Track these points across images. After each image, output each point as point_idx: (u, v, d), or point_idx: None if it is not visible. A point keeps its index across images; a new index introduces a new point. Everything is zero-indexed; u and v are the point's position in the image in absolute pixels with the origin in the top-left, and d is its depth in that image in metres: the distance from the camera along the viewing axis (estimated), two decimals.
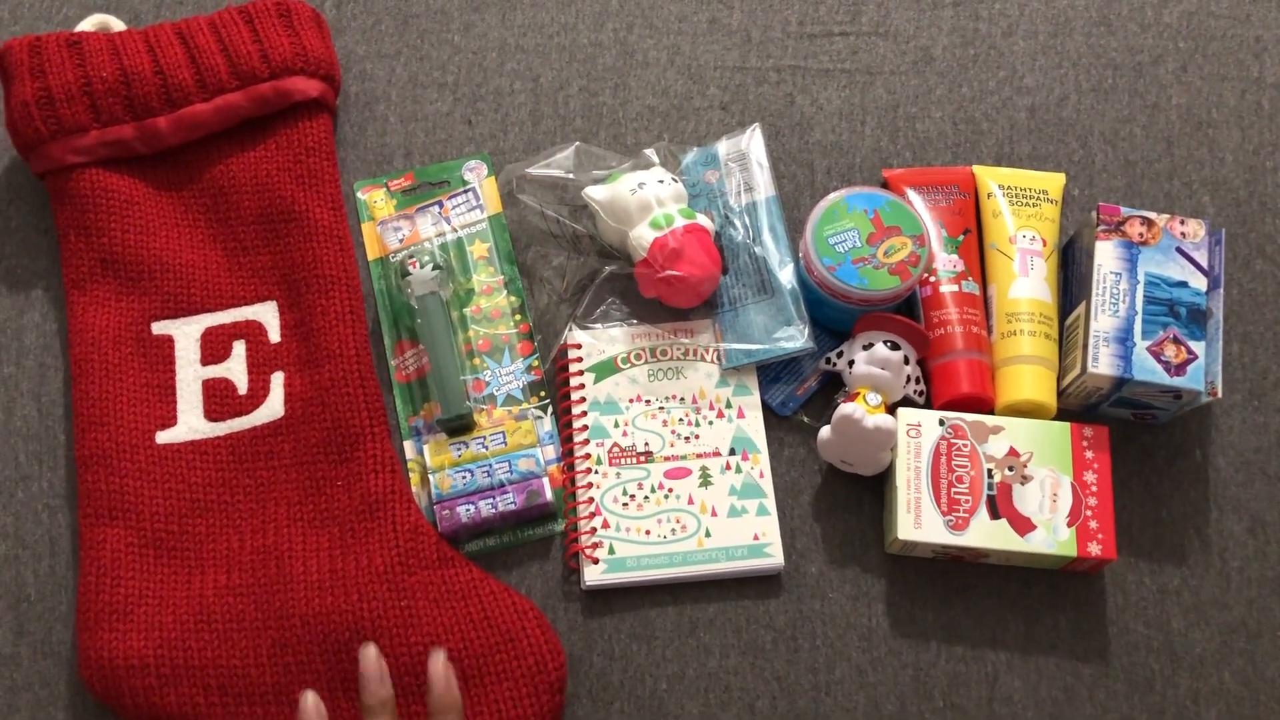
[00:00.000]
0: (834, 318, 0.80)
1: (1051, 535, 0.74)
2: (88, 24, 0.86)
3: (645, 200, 0.80)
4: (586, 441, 0.78)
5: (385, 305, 0.83)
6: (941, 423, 0.76)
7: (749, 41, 0.90)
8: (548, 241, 0.84)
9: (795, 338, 0.79)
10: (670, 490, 0.77)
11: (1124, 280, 0.77)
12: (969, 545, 0.74)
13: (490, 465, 0.77)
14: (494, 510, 0.76)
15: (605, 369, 0.80)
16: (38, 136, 0.81)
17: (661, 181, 0.81)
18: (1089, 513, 0.75)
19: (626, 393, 0.80)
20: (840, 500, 0.79)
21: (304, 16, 0.85)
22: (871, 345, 0.77)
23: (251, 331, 0.81)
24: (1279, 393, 0.82)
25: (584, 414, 0.79)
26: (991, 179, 0.84)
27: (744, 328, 0.80)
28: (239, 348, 0.80)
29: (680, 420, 0.79)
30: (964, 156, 0.87)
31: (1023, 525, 0.74)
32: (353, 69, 0.89)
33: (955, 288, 0.80)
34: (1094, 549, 0.74)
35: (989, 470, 0.75)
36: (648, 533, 0.76)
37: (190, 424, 0.79)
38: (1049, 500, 0.75)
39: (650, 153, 0.84)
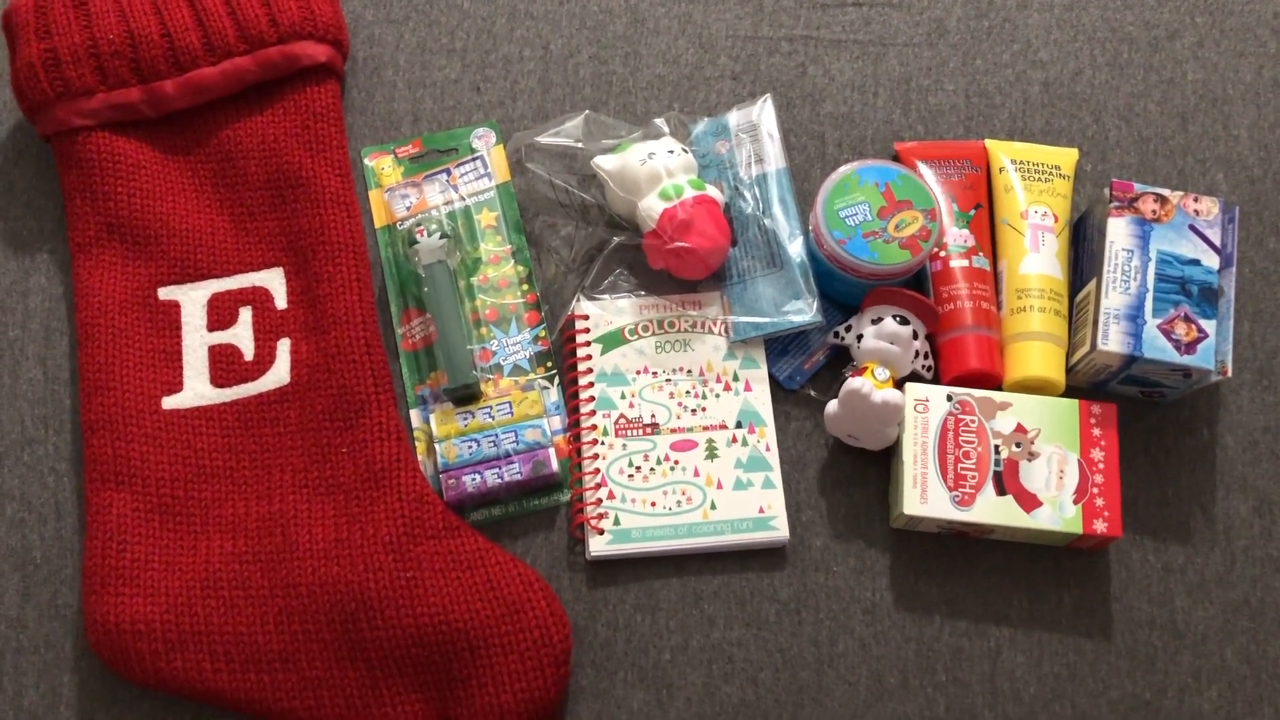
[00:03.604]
0: (843, 291, 0.80)
1: (1057, 512, 0.74)
2: None
3: (655, 171, 0.79)
4: (593, 413, 0.78)
5: (392, 273, 0.82)
6: (949, 398, 0.76)
7: (761, 10, 0.90)
8: (556, 211, 0.83)
9: (804, 311, 0.79)
10: (676, 462, 0.77)
11: (1136, 257, 0.77)
12: (975, 521, 0.74)
13: (496, 435, 0.77)
14: (500, 480, 0.76)
15: (613, 340, 0.80)
16: (44, 98, 0.81)
17: (671, 152, 0.80)
18: (1095, 490, 0.75)
19: (634, 364, 0.80)
20: (846, 474, 0.79)
21: None
22: (880, 320, 0.77)
23: (258, 298, 0.81)
24: None
25: (591, 385, 0.79)
26: (1004, 153, 0.83)
27: (752, 300, 0.80)
28: (245, 314, 0.80)
29: (687, 392, 0.79)
30: (976, 130, 0.87)
31: (1029, 502, 0.74)
32: (361, 34, 0.89)
33: (965, 263, 0.80)
34: (1099, 526, 0.74)
35: (996, 446, 0.75)
36: (653, 504, 0.76)
37: (196, 390, 0.78)
38: (1055, 477, 0.75)
39: (660, 122, 0.84)
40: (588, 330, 0.80)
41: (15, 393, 0.80)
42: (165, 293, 0.81)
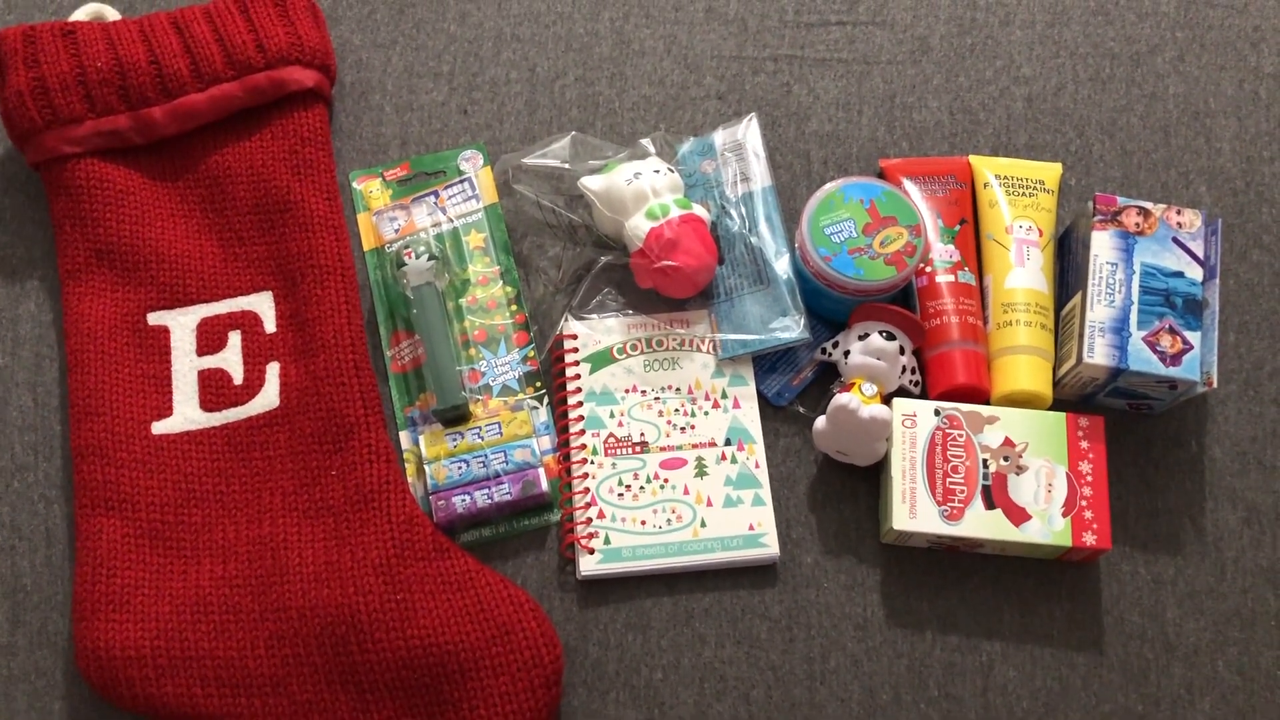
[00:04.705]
0: (830, 308, 0.80)
1: (1046, 525, 0.74)
2: (82, 13, 0.86)
3: (641, 190, 0.80)
4: (582, 432, 0.78)
5: (381, 296, 0.83)
6: (937, 413, 0.76)
7: (745, 31, 0.90)
8: (544, 232, 0.84)
9: (791, 328, 0.79)
10: (666, 480, 0.77)
11: (1120, 270, 0.77)
12: (964, 535, 0.74)
13: (486, 456, 0.77)
14: (490, 501, 0.76)
15: (601, 359, 0.80)
16: (32, 126, 0.81)
17: (657, 171, 0.80)
18: (1084, 503, 0.75)
19: (622, 383, 0.80)
20: (835, 490, 0.79)
21: (299, 6, 0.85)
22: (867, 335, 0.77)
23: (247, 322, 0.81)
24: (1274, 383, 0.82)
25: (580, 404, 0.79)
26: (988, 169, 0.84)
27: (740, 318, 0.80)
28: (234, 338, 0.80)
29: (676, 411, 0.79)
30: (961, 146, 0.87)
31: (1018, 515, 0.74)
32: (348, 58, 0.89)
33: (951, 278, 0.80)
34: (1089, 539, 0.74)
35: (984, 460, 0.75)
36: (643, 523, 0.76)
37: (186, 414, 0.79)
38: (1044, 490, 0.75)
39: (646, 142, 0.84)
40: (576, 350, 0.81)
41: (5, 420, 0.80)
42: (154, 318, 0.81)
